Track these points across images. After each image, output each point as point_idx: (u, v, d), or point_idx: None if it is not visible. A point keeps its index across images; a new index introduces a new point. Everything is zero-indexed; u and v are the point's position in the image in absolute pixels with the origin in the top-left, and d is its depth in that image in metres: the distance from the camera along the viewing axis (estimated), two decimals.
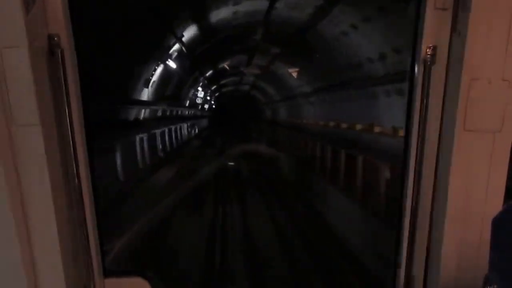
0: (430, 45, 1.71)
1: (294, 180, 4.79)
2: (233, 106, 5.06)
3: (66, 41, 1.67)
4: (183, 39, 3.72)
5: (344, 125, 4.16)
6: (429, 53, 1.70)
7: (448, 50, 1.72)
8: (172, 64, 4.03)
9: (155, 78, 3.84)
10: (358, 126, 3.91)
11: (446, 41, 1.72)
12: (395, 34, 2.74)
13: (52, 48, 1.64)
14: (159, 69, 3.91)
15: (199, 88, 5.02)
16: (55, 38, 1.63)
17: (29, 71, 1.56)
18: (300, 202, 4.53)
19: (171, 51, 3.84)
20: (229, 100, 5.14)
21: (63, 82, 1.65)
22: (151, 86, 3.81)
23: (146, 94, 3.83)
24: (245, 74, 4.83)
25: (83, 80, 1.78)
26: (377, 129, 3.58)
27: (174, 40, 3.74)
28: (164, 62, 3.92)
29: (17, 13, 1.51)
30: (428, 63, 1.70)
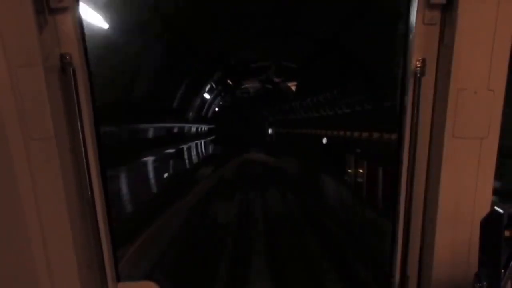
0: (420, 57, 1.79)
1: None
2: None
3: (77, 60, 1.75)
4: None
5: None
6: (418, 65, 1.79)
7: (436, 62, 1.81)
8: (182, 78, 3.93)
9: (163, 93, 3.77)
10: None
11: (435, 54, 1.80)
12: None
13: (64, 66, 1.72)
14: (169, 85, 3.82)
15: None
16: (67, 57, 1.71)
17: (43, 88, 1.65)
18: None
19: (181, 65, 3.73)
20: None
21: (75, 98, 1.73)
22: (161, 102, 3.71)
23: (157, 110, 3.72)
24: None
25: (94, 96, 1.87)
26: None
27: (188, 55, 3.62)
28: (173, 77, 3.82)
29: (31, 34, 1.60)
30: (418, 74, 1.79)
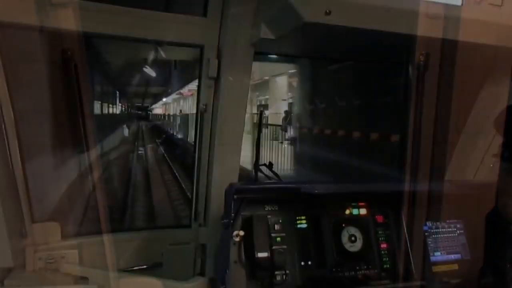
0: (423, 52, 1.79)
1: None
2: None
3: (78, 55, 1.75)
4: None
5: None
6: (422, 59, 1.78)
7: (440, 56, 1.81)
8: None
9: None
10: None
11: (438, 48, 1.79)
12: None
13: (66, 61, 1.71)
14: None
15: None
16: (68, 53, 1.71)
17: (44, 83, 1.64)
18: None
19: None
20: None
21: (76, 92, 1.73)
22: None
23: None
24: None
25: (93, 89, 1.86)
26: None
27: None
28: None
29: (33, 31, 1.59)
30: (422, 69, 1.78)
